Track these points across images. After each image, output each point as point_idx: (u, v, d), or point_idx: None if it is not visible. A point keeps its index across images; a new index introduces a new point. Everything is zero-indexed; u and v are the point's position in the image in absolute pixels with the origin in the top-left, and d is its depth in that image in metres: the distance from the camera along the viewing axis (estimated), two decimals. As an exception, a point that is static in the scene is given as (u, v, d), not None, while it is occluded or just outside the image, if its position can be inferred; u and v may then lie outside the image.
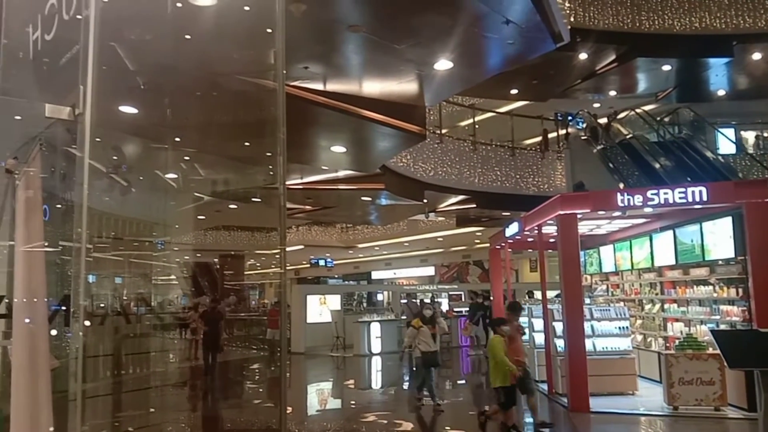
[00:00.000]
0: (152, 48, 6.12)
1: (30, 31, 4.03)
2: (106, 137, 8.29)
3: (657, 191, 8.98)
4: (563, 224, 9.50)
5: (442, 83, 8.12)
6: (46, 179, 4.57)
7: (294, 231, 28.11)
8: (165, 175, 11.60)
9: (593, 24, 15.33)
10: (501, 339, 7.28)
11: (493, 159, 16.44)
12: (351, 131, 9.52)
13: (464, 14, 6.04)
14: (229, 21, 5.58)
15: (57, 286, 4.36)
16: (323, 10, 5.79)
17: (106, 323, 12.40)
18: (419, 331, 9.66)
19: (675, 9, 15.83)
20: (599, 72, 16.72)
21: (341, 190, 13.72)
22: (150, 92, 7.32)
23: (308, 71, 7.27)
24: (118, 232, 14.64)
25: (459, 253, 31.98)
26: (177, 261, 21.97)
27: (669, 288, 11.02)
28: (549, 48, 6.97)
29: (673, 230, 10.38)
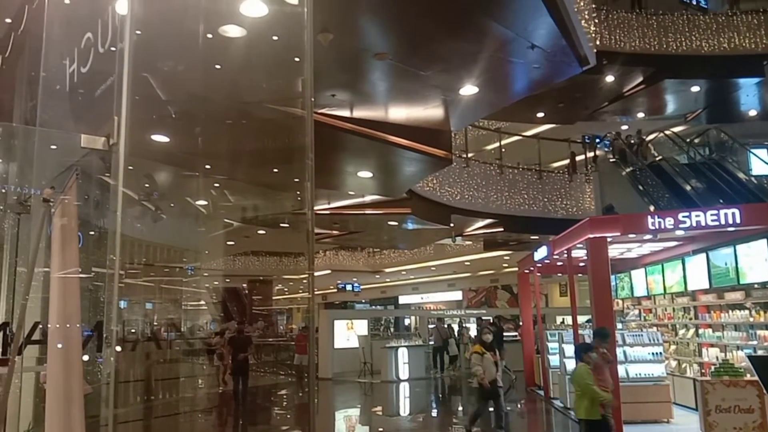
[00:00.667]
0: (184, 78, 6.27)
1: (67, 64, 4.18)
2: (139, 166, 8.50)
3: (688, 214, 8.83)
4: (593, 248, 9.38)
5: (468, 108, 8.15)
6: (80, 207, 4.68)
7: (321, 256, 28.21)
8: (196, 201, 11.80)
9: (619, 47, 15.31)
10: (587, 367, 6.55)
11: (520, 182, 16.37)
12: (377, 157, 9.58)
13: (490, 40, 6.08)
14: (259, 51, 5.70)
15: (90, 312, 4.43)
16: (350, 39, 5.88)
17: (138, 349, 12.56)
18: (483, 358, 8.88)
19: (702, 30, 15.73)
20: (627, 94, 16.63)
21: (368, 215, 13.76)
22: (181, 121, 7.49)
23: (335, 98, 7.37)
24: (150, 259, 14.88)
25: (487, 278, 31.70)
26: (206, 286, 22.21)
27: (703, 312, 10.77)
28: (575, 71, 6.97)
29: (706, 253, 10.17)
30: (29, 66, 6.17)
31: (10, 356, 3.36)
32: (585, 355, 6.69)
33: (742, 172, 15.85)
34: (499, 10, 5.55)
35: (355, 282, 32.31)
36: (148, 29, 4.83)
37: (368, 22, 5.68)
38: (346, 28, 5.64)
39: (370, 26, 5.77)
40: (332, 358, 19.13)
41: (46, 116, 4.50)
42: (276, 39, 5.38)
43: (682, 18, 15.94)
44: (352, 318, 21.08)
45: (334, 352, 19.30)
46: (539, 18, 5.64)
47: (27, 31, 6.41)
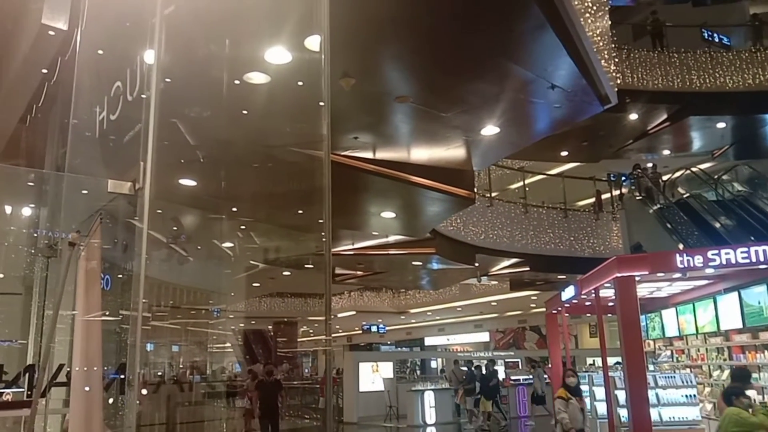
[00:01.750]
0: (210, 124, 6.43)
1: (97, 112, 4.33)
2: (166, 209, 8.67)
3: (718, 251, 8.67)
4: (621, 287, 9.22)
5: (490, 148, 8.18)
6: (109, 250, 4.78)
7: (346, 297, 28.12)
8: (222, 244, 11.95)
9: (642, 85, 15.31)
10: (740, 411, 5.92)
11: (545, 221, 16.26)
12: (400, 197, 9.63)
13: (510, 82, 6.14)
14: (283, 96, 5.83)
15: (117, 354, 4.48)
16: (371, 84, 5.99)
17: (162, 391, 12.56)
18: (568, 404, 8.10)
19: (726, 67, 15.68)
20: (651, 132, 16.54)
21: (392, 255, 13.75)
22: (208, 165, 7.65)
23: (358, 141, 7.46)
24: (176, 301, 15.01)
25: (514, 318, 31.22)
26: (232, 328, 22.26)
27: (738, 353, 10.44)
28: (597, 110, 6.97)
29: (738, 292, 9.93)
30: (61, 114, 6.40)
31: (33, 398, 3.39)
32: (736, 399, 6.12)
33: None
34: (519, 52, 5.61)
35: (380, 323, 32.07)
36: (175, 77, 5.00)
37: (389, 67, 5.79)
38: (367, 73, 5.75)
39: (391, 71, 5.88)
40: (357, 401, 18.89)
41: (76, 162, 4.64)
42: (301, 84, 5.51)
43: (705, 55, 15.91)
44: (378, 360, 20.86)
45: (359, 395, 19.06)
46: (559, 59, 5.69)
47: (59, 82, 6.66)
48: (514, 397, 19.19)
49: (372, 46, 5.28)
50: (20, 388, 4.66)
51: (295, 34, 4.79)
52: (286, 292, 26.54)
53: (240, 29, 4.78)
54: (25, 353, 6.68)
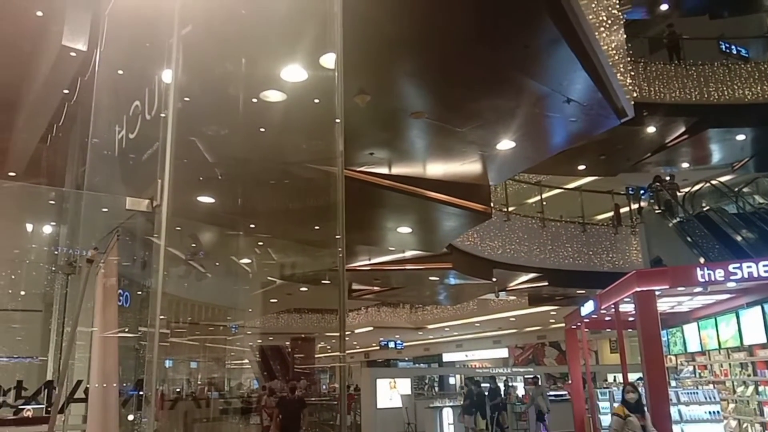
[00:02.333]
0: (228, 141, 6.50)
1: (116, 131, 4.40)
2: (185, 226, 8.76)
3: (740, 265, 8.53)
4: (641, 302, 9.11)
5: (506, 162, 8.17)
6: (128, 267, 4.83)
7: (363, 312, 28.09)
8: (240, 260, 12.02)
9: (660, 98, 15.25)
10: None
11: (563, 235, 16.15)
12: (416, 212, 9.63)
13: (525, 96, 6.14)
14: (300, 113, 5.89)
15: (135, 370, 4.51)
16: (386, 100, 6.03)
17: (179, 408, 12.57)
18: (626, 422, 7.47)
19: (744, 79, 15.57)
20: (670, 145, 16.43)
21: (409, 270, 13.73)
22: (226, 182, 7.73)
23: (374, 157, 7.50)
24: (195, 317, 15.10)
25: (533, 334, 30.93)
26: (250, 345, 22.30)
27: (762, 369, 10.23)
28: (613, 124, 6.95)
29: (761, 306, 9.75)
30: (81, 133, 6.52)
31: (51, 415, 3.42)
32: None
33: (796, 220, 15.32)
34: (534, 67, 5.62)
35: (397, 339, 31.96)
36: (193, 96, 5.07)
37: (404, 84, 5.83)
38: (382, 90, 5.79)
39: (406, 88, 5.91)
40: (375, 418, 18.76)
41: (95, 180, 4.72)
42: (317, 102, 5.56)
43: (723, 67, 15.83)
44: (395, 376, 20.71)
45: (377, 411, 18.93)
46: (574, 73, 5.69)
47: (79, 102, 6.79)
48: (534, 414, 18.93)
49: (386, 63, 5.32)
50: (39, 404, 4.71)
51: (311, 52, 4.84)
52: (304, 308, 26.59)
53: (256, 48, 4.85)
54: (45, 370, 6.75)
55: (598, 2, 7.59)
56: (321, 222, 9.01)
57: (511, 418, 18.46)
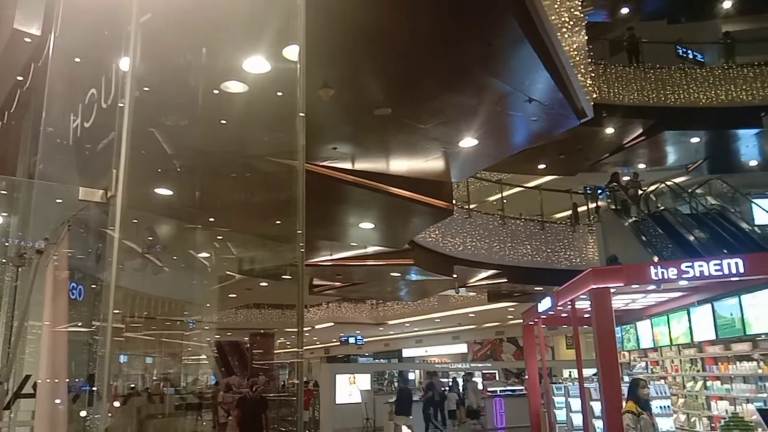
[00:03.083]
0: (187, 133, 6.38)
1: (71, 119, 4.27)
2: (141, 218, 8.57)
3: (692, 264, 8.79)
4: (596, 299, 9.30)
5: (468, 160, 8.23)
6: (81, 260, 4.69)
7: (324, 308, 27.99)
8: (198, 254, 11.83)
9: (618, 99, 15.56)
10: None
11: (522, 233, 16.37)
12: (379, 208, 9.63)
13: (488, 94, 6.18)
14: (262, 106, 5.81)
15: (88, 365, 4.39)
16: (350, 94, 5.99)
17: (133, 404, 12.31)
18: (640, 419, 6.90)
19: (699, 83, 16.02)
20: (627, 146, 16.81)
21: (370, 266, 13.73)
22: (185, 174, 7.58)
23: (337, 152, 7.45)
24: (151, 312, 14.80)
25: (492, 330, 31.34)
26: (208, 340, 21.99)
27: (711, 364, 10.58)
28: (573, 124, 7.05)
29: (711, 304, 10.07)
30: (34, 121, 6.30)
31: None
32: None
33: (745, 222, 15.84)
34: (497, 66, 5.66)
35: (358, 334, 31.96)
36: (152, 86, 4.96)
37: (368, 79, 5.80)
38: (346, 84, 5.75)
39: (370, 82, 5.89)
40: (333, 413, 18.75)
41: (48, 170, 4.57)
42: (280, 95, 5.49)
43: (679, 71, 16.25)
44: (355, 372, 20.74)
45: (336, 407, 18.92)
46: (536, 73, 5.75)
47: (32, 88, 6.57)
48: (491, 409, 19.21)
49: (350, 57, 5.29)
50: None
51: (274, 43, 4.78)
52: (264, 303, 26.34)
53: (217, 38, 4.76)
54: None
55: (561, 3, 7.69)
56: (282, 216, 8.91)
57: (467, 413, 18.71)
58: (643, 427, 6.78)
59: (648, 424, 6.85)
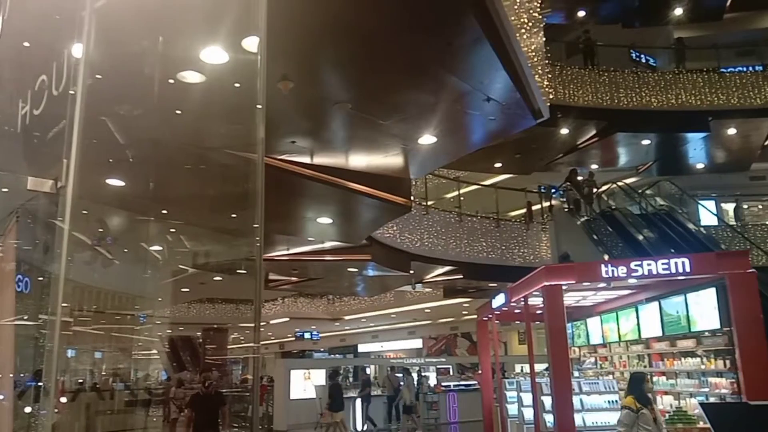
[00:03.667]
0: (141, 122, 6.23)
1: (20, 106, 4.12)
2: (92, 209, 8.33)
3: (640, 263, 9.04)
4: (549, 295, 9.49)
5: (427, 157, 8.27)
6: (30, 252, 4.54)
7: (279, 303, 27.78)
8: (150, 247, 11.58)
9: (573, 101, 15.86)
10: None
11: (478, 230, 16.56)
12: (337, 203, 9.60)
13: (447, 92, 6.23)
14: (219, 97, 5.72)
15: (34, 360, 4.25)
16: (310, 88, 5.95)
17: (81, 400, 12.00)
18: (639, 416, 6.74)
19: (651, 87, 16.46)
20: (581, 146, 17.16)
21: (327, 261, 13.69)
22: (138, 165, 7.40)
23: (296, 145, 7.39)
24: (101, 306, 14.44)
25: (447, 325, 31.66)
26: (159, 335, 21.58)
27: (657, 360, 10.92)
28: (530, 124, 7.16)
29: (658, 301, 10.39)
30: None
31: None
32: None
33: (691, 222, 16.41)
34: (456, 64, 5.70)
35: (314, 330, 31.84)
36: (105, 73, 4.82)
37: (328, 73, 5.77)
38: (306, 77, 5.71)
39: (331, 76, 5.86)
40: (287, 409, 18.66)
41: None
42: (238, 86, 5.41)
43: (633, 75, 16.67)
44: (310, 367, 20.68)
45: (290, 402, 18.83)
46: (495, 72, 5.81)
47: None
48: (445, 404, 19.41)
49: (311, 50, 5.25)
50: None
51: (233, 34, 4.70)
52: (217, 298, 25.99)
53: (174, 26, 4.66)
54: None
55: (520, 5, 7.81)
56: (238, 210, 8.79)
57: (423, 408, 18.85)
58: (643, 422, 6.66)
59: (649, 419, 6.72)
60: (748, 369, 8.19)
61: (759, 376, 8.05)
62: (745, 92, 16.40)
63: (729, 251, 13.60)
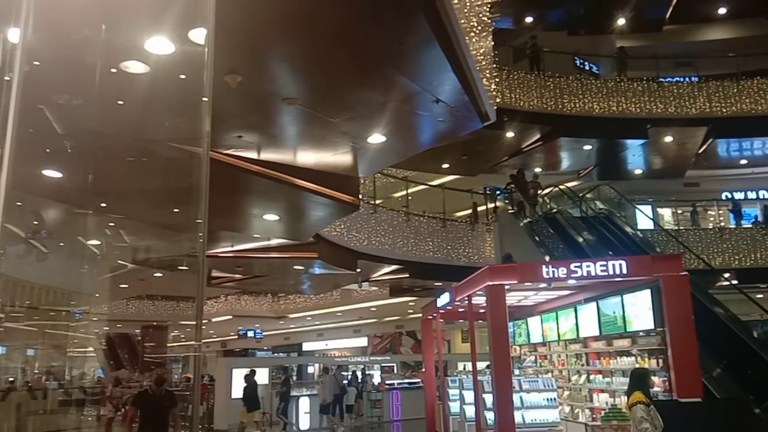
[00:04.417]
0: (81, 112, 6.01)
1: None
2: (27, 201, 8.00)
3: (580, 264, 9.27)
4: (492, 295, 9.63)
5: (376, 156, 8.29)
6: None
7: (222, 300, 27.32)
8: (88, 241, 11.19)
9: (519, 105, 16.18)
10: None
11: (425, 230, 16.70)
12: (284, 200, 9.51)
13: (397, 92, 6.25)
14: (163, 88, 5.58)
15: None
16: (259, 82, 5.88)
17: (12, 399, 11.52)
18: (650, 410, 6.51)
19: (594, 93, 16.95)
20: (525, 150, 17.53)
21: (273, 258, 13.54)
22: (77, 156, 7.15)
23: (242, 140, 7.28)
24: (34, 301, 13.87)
25: (392, 324, 31.81)
26: (96, 332, 20.89)
27: (594, 359, 11.24)
28: (477, 126, 7.27)
29: (596, 302, 10.68)
30: None
31: None
32: None
33: (629, 226, 16.99)
34: (406, 64, 5.74)
35: (257, 328, 31.44)
36: (44, 60, 4.63)
37: (277, 68, 5.71)
38: (254, 71, 5.63)
39: (280, 71, 5.80)
40: (228, 408, 18.32)
41: None
42: (183, 78, 5.29)
43: (577, 81, 17.13)
44: (252, 366, 20.36)
45: (231, 402, 18.50)
46: (444, 74, 5.88)
47: None
48: (389, 401, 19.50)
49: (260, 44, 5.18)
50: None
51: (180, 24, 4.60)
52: (157, 295, 25.33)
53: (119, 14, 4.51)
54: None
55: (470, 8, 7.89)
56: (180, 205, 8.60)
57: (367, 406, 18.90)
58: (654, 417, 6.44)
59: (656, 414, 6.51)
60: (679, 368, 8.51)
61: (689, 374, 8.38)
62: (682, 101, 17.10)
63: (663, 254, 14.12)
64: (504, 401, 9.16)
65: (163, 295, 25.36)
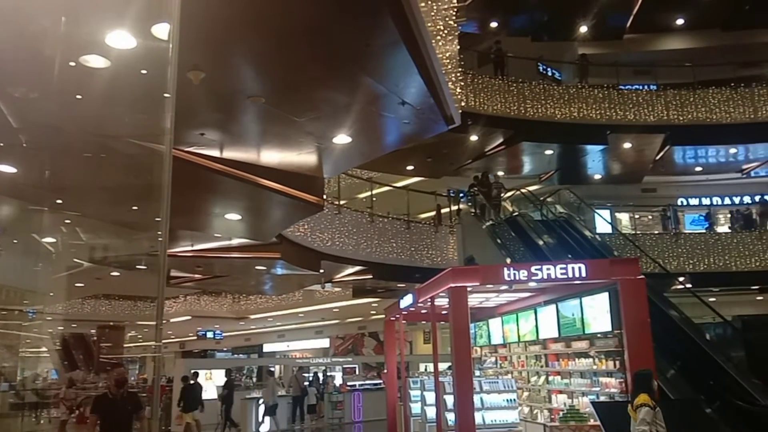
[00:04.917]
0: (37, 106, 5.84)
1: None
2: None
3: (540, 267, 9.38)
4: (454, 296, 9.67)
5: (341, 156, 8.26)
6: None
7: (181, 300, 26.87)
8: (42, 239, 10.89)
9: (483, 109, 16.33)
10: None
11: (389, 231, 16.72)
12: (247, 199, 9.39)
13: (362, 93, 6.25)
14: (124, 84, 5.45)
15: None
16: (223, 79, 5.79)
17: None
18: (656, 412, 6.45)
19: (556, 99, 17.22)
20: (488, 153, 17.71)
21: (234, 258, 13.37)
22: (32, 151, 6.94)
23: (205, 138, 7.17)
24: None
25: (355, 325, 31.75)
26: (49, 332, 20.33)
27: (553, 360, 11.40)
28: (442, 129, 7.30)
29: (556, 304, 10.84)
30: None
31: None
32: None
33: (588, 230, 17.32)
34: (373, 66, 5.73)
35: (217, 329, 31.02)
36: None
37: (242, 65, 5.64)
38: (218, 68, 5.55)
39: (244, 69, 5.73)
40: (187, 410, 18.01)
41: None
42: (145, 73, 5.19)
43: (539, 87, 17.38)
44: (211, 367, 20.12)
45: (190, 403, 18.19)
46: (410, 76, 5.89)
47: None
48: (350, 403, 19.44)
49: (224, 41, 5.11)
50: None
51: (142, 19, 4.50)
52: (114, 294, 24.77)
53: (79, 7, 4.40)
54: None
55: (437, 12, 7.95)
56: (139, 202, 8.44)
57: (327, 408, 18.81)
58: (659, 419, 6.42)
59: (661, 417, 6.47)
60: (635, 369, 8.68)
61: (644, 375, 8.57)
62: (641, 109, 17.52)
63: (621, 258, 14.43)
64: (465, 402, 9.22)
65: (120, 294, 24.83)
